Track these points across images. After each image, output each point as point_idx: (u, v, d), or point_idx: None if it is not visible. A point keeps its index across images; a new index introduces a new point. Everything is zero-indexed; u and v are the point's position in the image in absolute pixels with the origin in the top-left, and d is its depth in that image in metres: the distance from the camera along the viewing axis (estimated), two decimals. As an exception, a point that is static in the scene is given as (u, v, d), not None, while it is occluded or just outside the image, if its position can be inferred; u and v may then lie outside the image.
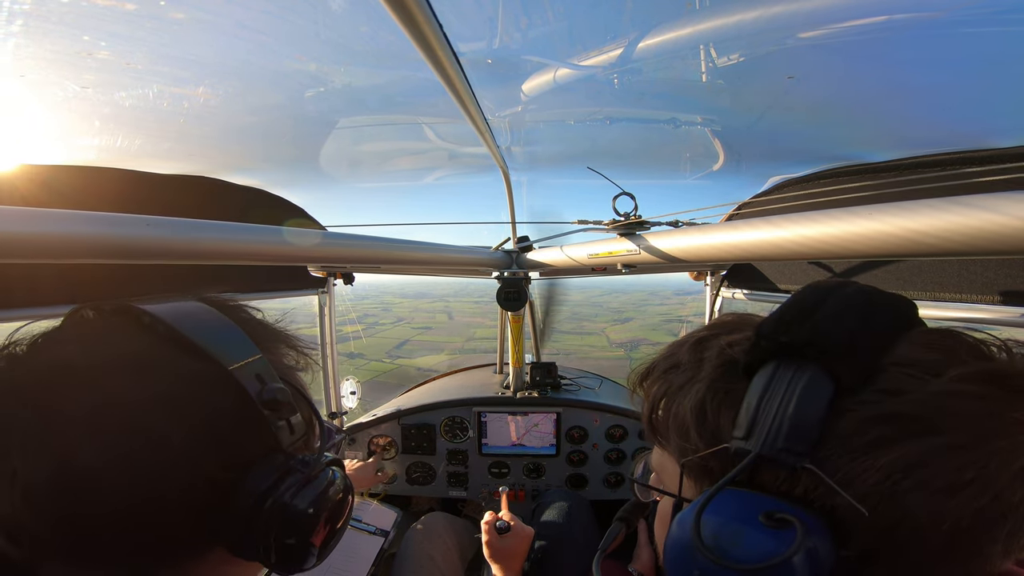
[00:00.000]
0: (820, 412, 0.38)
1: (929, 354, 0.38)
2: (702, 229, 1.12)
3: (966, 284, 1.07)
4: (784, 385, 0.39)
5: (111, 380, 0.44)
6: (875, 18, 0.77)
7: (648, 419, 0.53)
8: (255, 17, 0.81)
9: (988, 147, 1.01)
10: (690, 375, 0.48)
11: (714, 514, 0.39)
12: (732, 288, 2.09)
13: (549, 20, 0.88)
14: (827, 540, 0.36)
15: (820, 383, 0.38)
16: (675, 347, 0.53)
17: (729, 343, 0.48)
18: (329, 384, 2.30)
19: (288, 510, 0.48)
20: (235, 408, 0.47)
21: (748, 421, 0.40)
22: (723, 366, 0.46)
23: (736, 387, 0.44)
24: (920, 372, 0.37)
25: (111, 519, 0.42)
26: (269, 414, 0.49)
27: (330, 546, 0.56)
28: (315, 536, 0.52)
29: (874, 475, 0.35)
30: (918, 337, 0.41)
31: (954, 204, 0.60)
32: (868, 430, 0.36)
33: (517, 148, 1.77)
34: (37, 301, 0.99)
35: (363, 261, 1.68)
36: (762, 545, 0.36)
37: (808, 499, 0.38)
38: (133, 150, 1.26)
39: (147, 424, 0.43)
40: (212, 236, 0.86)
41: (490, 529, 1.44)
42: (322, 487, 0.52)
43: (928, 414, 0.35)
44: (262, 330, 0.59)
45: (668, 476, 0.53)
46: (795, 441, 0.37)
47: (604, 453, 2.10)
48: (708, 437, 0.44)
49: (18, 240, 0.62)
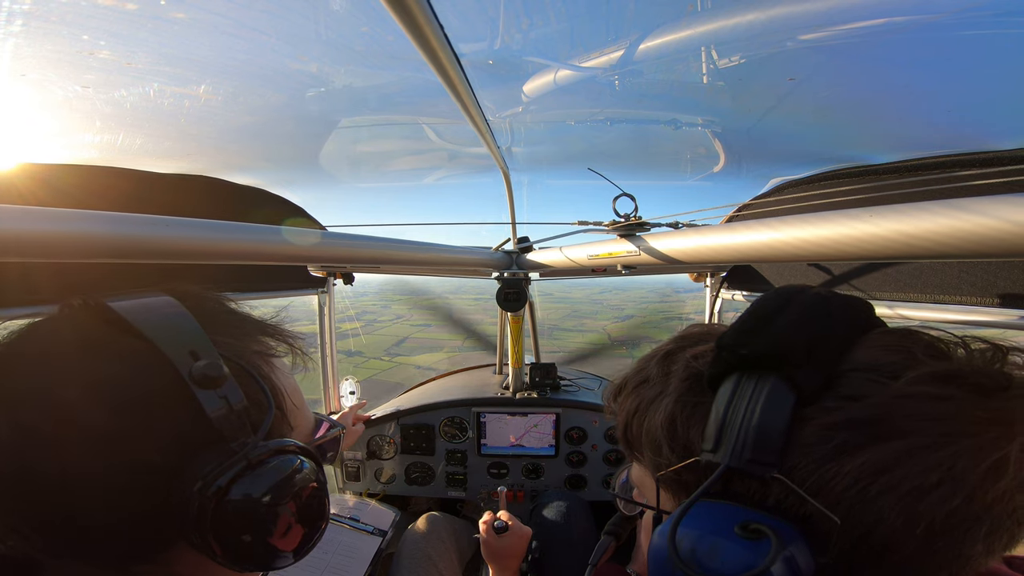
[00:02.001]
0: (783, 422, 0.38)
1: (887, 356, 0.39)
2: (702, 230, 1.12)
3: (966, 287, 1.07)
4: (747, 397, 0.40)
5: (46, 366, 0.44)
6: (876, 20, 0.77)
7: (623, 435, 0.54)
8: (256, 17, 0.81)
9: (988, 150, 1.01)
10: (659, 389, 0.49)
11: (690, 527, 0.39)
12: (732, 290, 2.09)
13: (550, 21, 0.88)
14: (804, 549, 0.36)
15: (781, 393, 0.39)
16: (644, 361, 0.54)
17: (694, 355, 0.48)
18: (328, 384, 2.30)
19: (227, 499, 0.44)
20: (163, 385, 0.45)
21: (715, 434, 0.41)
22: (689, 379, 0.47)
23: (703, 400, 0.44)
24: (878, 375, 0.38)
25: (59, 511, 0.42)
26: (199, 391, 0.46)
27: (298, 546, 0.50)
28: (267, 530, 0.47)
29: (842, 481, 0.35)
30: (876, 339, 0.41)
31: (954, 207, 0.60)
32: (832, 437, 0.37)
33: (518, 149, 1.77)
34: (37, 300, 0.99)
35: (363, 261, 1.68)
36: (739, 557, 0.36)
37: (781, 508, 0.38)
38: (134, 149, 1.26)
39: (75, 405, 0.43)
40: (212, 235, 0.86)
41: (488, 529, 1.44)
42: (274, 475, 0.47)
43: (889, 417, 0.35)
44: (228, 318, 0.57)
45: (647, 489, 0.54)
46: (762, 452, 0.38)
47: (603, 454, 2.10)
48: (680, 451, 0.45)
49: (18, 239, 0.62)
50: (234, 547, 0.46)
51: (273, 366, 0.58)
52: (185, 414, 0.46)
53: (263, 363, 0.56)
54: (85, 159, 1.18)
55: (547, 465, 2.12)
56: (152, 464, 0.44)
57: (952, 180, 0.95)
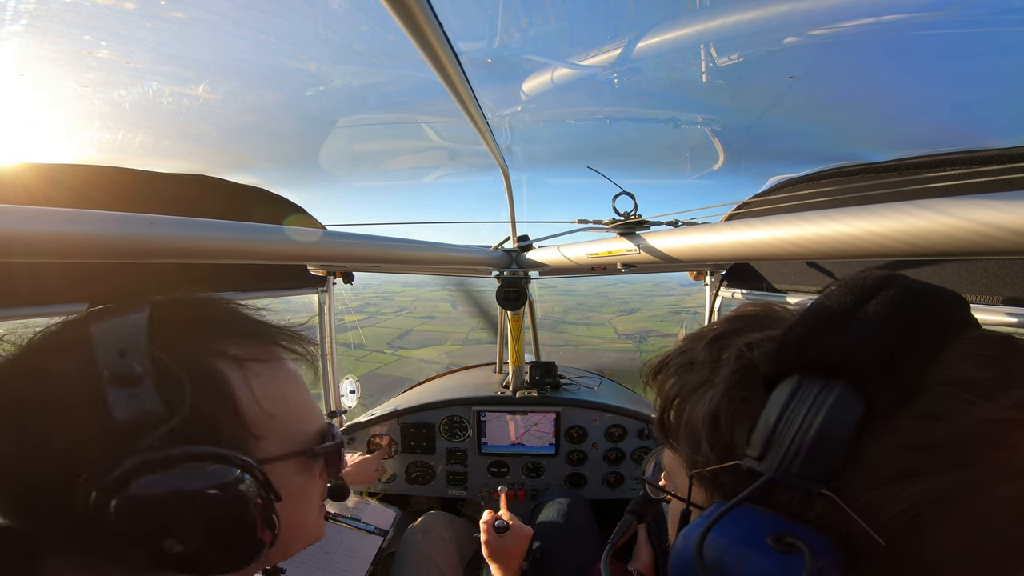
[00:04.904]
0: (845, 438, 0.34)
1: (981, 371, 0.34)
2: (702, 229, 1.12)
3: (966, 284, 1.07)
4: (807, 404, 0.35)
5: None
6: (875, 18, 0.77)
7: (660, 419, 0.50)
8: (255, 16, 0.81)
9: (988, 148, 1.01)
10: (705, 377, 0.45)
11: (720, 534, 0.36)
12: (732, 288, 2.09)
13: (549, 20, 0.88)
14: (837, 568, 0.33)
15: (848, 404, 0.34)
16: (692, 341, 0.50)
17: (749, 344, 0.43)
18: (328, 383, 2.30)
19: (117, 496, 0.42)
20: (82, 382, 0.45)
21: (763, 440, 0.36)
22: (741, 371, 0.42)
23: (754, 397, 0.40)
24: (968, 394, 0.33)
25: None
26: (112, 388, 0.44)
27: (195, 558, 0.45)
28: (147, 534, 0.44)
29: (897, 505, 0.32)
30: (970, 348, 0.35)
31: (954, 204, 0.60)
32: (899, 459, 0.33)
33: (517, 147, 1.77)
34: (41, 300, 0.99)
35: (363, 260, 1.68)
36: (768, 571, 0.33)
37: (823, 523, 0.35)
38: (133, 149, 1.26)
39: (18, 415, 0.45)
40: (212, 235, 0.86)
41: (488, 528, 1.44)
42: (174, 480, 0.44)
43: (970, 444, 0.32)
44: (205, 321, 0.56)
45: (678, 478, 0.51)
46: (813, 468, 0.34)
47: (603, 453, 2.10)
48: (720, 450, 0.41)
49: (18, 239, 0.62)
50: (109, 547, 0.45)
51: (247, 371, 0.54)
52: (97, 408, 0.44)
53: (228, 367, 0.52)
54: (84, 159, 1.18)
55: (547, 464, 2.13)
56: (54, 456, 0.44)
57: (952, 178, 0.95)
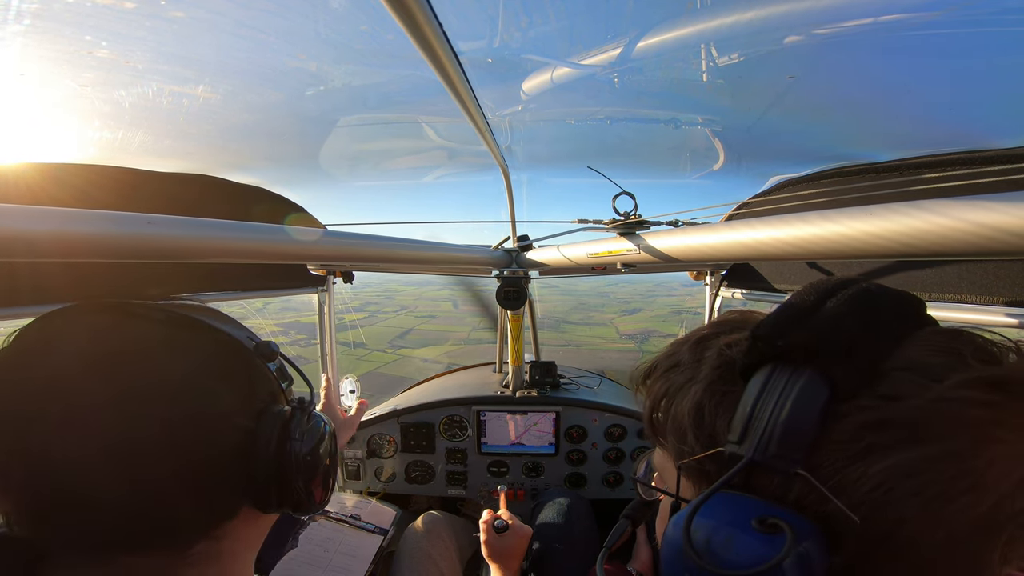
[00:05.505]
0: (814, 418, 0.37)
1: (934, 357, 0.37)
2: (702, 229, 1.12)
3: (966, 285, 1.07)
4: (778, 389, 0.39)
5: (131, 366, 0.50)
6: (876, 18, 0.77)
7: (649, 419, 0.54)
8: (255, 16, 0.81)
9: (989, 148, 1.01)
10: (689, 375, 0.48)
11: (707, 518, 0.39)
12: (732, 288, 2.09)
13: (549, 19, 0.88)
14: (819, 546, 0.36)
15: (815, 388, 0.38)
16: (677, 345, 0.54)
17: (728, 343, 0.47)
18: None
19: (300, 452, 0.54)
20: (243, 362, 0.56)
21: (742, 426, 0.40)
22: (721, 367, 0.46)
23: (733, 390, 0.43)
24: (922, 377, 0.36)
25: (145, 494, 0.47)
26: (263, 362, 0.57)
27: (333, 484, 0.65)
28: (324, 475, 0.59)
29: (867, 482, 0.35)
30: (925, 338, 0.39)
31: (955, 205, 0.60)
32: (863, 436, 0.36)
33: (517, 147, 1.77)
34: (42, 299, 0.99)
35: (363, 259, 1.68)
36: (753, 550, 0.36)
37: (801, 504, 0.38)
38: (133, 148, 1.26)
39: (169, 395, 0.49)
40: (212, 234, 0.86)
41: (488, 528, 1.44)
42: (320, 428, 0.59)
43: (926, 420, 0.35)
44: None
45: (668, 476, 0.53)
46: (788, 448, 0.37)
47: (603, 452, 2.11)
48: (705, 440, 0.44)
49: (18, 238, 0.62)
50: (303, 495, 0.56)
51: None
52: (261, 380, 0.57)
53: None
54: (84, 158, 1.18)
55: (547, 463, 2.13)
56: (237, 425, 0.52)
57: (952, 178, 0.95)
